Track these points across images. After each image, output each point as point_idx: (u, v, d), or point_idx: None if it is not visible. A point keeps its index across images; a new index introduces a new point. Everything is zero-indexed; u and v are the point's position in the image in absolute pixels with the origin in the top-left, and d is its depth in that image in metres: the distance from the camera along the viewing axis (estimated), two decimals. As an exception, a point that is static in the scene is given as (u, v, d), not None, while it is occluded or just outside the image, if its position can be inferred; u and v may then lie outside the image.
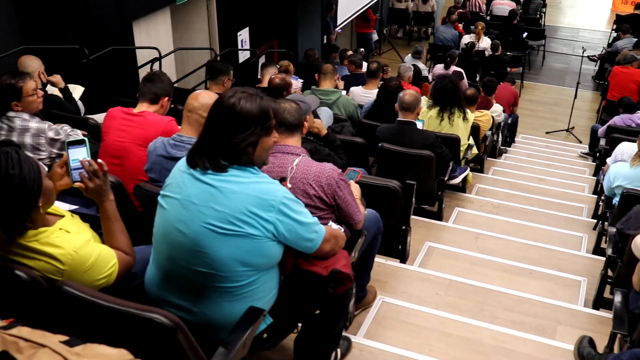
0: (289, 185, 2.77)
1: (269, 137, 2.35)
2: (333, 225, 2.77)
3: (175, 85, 7.11)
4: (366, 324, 3.53)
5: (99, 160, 2.34)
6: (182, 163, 2.38)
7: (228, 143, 2.24)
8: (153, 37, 7.02)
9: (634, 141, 5.23)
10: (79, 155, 2.33)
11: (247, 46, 9.55)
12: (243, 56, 9.51)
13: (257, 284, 2.34)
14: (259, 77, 7.49)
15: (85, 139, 2.36)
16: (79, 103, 5.01)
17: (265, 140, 2.33)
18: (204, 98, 3.33)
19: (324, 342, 2.81)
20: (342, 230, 2.81)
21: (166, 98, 3.87)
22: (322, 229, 2.48)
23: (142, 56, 6.86)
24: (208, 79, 5.73)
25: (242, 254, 2.24)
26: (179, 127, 3.48)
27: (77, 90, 5.12)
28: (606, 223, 5.00)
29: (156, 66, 6.78)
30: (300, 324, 2.77)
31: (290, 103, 3.03)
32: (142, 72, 6.18)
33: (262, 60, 9.22)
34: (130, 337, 2.02)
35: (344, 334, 3.17)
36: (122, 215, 2.46)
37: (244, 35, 9.40)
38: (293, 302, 2.58)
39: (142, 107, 3.81)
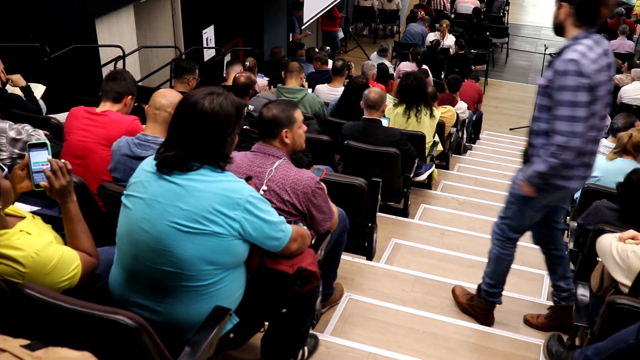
0: (265, 188, 2.76)
1: (235, 136, 2.37)
2: (300, 224, 2.77)
3: (140, 83, 7.03)
4: (333, 321, 3.54)
5: (63, 161, 2.31)
6: (146, 162, 2.36)
7: (213, 147, 2.26)
8: (116, 35, 6.92)
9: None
10: (41, 158, 2.30)
11: (213, 44, 9.48)
12: (208, 54, 9.44)
13: (223, 283, 2.33)
14: (224, 75, 7.46)
15: (47, 142, 2.33)
16: (41, 102, 4.92)
17: (233, 137, 2.36)
18: (172, 96, 3.31)
19: (291, 341, 2.82)
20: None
21: (130, 97, 3.83)
22: (288, 228, 2.49)
23: (105, 54, 6.77)
24: (173, 78, 5.67)
25: (208, 253, 2.23)
26: (143, 126, 3.45)
27: (38, 89, 5.02)
28: (568, 218, 5.08)
29: (120, 64, 6.70)
30: (266, 323, 2.77)
31: (271, 106, 2.96)
32: (106, 71, 6.09)
33: (227, 58, 9.16)
34: (94, 339, 2.00)
35: (311, 332, 3.18)
36: (85, 216, 2.43)
37: (209, 33, 9.33)
38: (259, 301, 2.57)
39: (105, 106, 3.76)
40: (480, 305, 3.72)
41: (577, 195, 4.71)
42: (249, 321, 2.58)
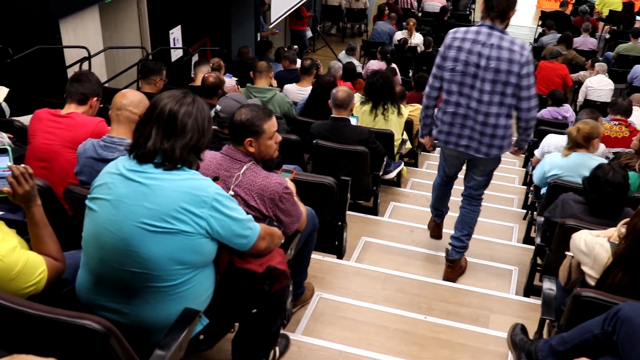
0: (232, 193, 2.75)
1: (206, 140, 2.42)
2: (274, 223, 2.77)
3: (106, 85, 6.95)
4: (304, 320, 3.55)
5: (23, 166, 2.28)
6: (111, 165, 2.34)
7: (192, 146, 2.29)
8: (81, 36, 6.83)
9: (561, 133, 5.42)
10: (1, 164, 2.26)
11: (180, 44, 9.41)
12: (175, 55, 9.37)
13: (192, 283, 2.32)
14: (192, 75, 7.41)
15: (8, 148, 2.29)
16: (4, 105, 4.84)
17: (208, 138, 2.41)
18: (132, 95, 3.31)
19: (262, 341, 2.81)
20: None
21: (95, 98, 3.78)
22: (256, 226, 2.49)
23: (70, 56, 6.67)
24: (140, 78, 5.61)
25: (175, 252, 2.22)
26: (109, 128, 3.41)
27: (1, 92, 4.92)
28: (535, 213, 5.16)
29: (85, 66, 6.61)
30: (237, 324, 2.76)
31: (244, 112, 2.89)
32: (71, 72, 6.01)
33: (195, 58, 9.10)
34: (61, 345, 1.97)
35: (282, 331, 3.18)
36: (51, 219, 2.40)
37: (176, 33, 9.26)
38: (229, 302, 2.56)
39: (70, 108, 3.71)
40: (431, 222, 4.91)
41: (544, 190, 4.78)
42: (219, 322, 2.57)
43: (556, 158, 4.75)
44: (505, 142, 3.85)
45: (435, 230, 4.92)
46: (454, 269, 4.36)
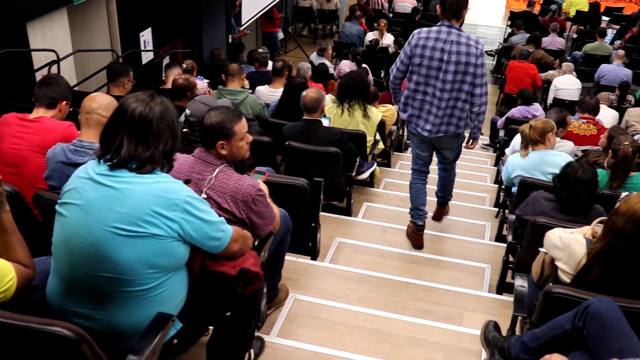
0: (204, 196, 2.74)
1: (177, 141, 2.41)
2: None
3: (76, 88, 6.86)
4: (279, 322, 3.54)
5: None
6: (81, 170, 2.32)
7: (163, 148, 2.29)
8: (50, 39, 6.73)
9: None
10: None
11: (150, 47, 9.34)
12: (146, 57, 9.29)
13: (164, 287, 2.31)
14: (163, 78, 7.35)
15: None
16: (-29, 110, 4.76)
17: (178, 142, 2.41)
18: (101, 98, 3.29)
19: (237, 344, 2.80)
20: None
21: (64, 102, 3.75)
22: (229, 228, 2.49)
23: (38, 59, 6.57)
24: (108, 82, 5.55)
25: (148, 256, 2.21)
26: (79, 132, 3.38)
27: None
28: (507, 211, 5.21)
29: (54, 69, 6.52)
30: (211, 327, 2.75)
31: (214, 114, 2.88)
32: (39, 76, 5.92)
33: (166, 61, 9.03)
34: (33, 353, 1.95)
35: (256, 334, 3.18)
36: (20, 225, 2.36)
37: (146, 36, 9.18)
38: (202, 305, 2.55)
39: (39, 112, 3.67)
40: (411, 229, 5.04)
41: (515, 189, 4.84)
42: (193, 326, 2.55)
43: (517, 159, 4.82)
44: (462, 123, 4.48)
45: (418, 240, 4.97)
46: (442, 211, 5.50)
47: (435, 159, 5.03)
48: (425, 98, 4.44)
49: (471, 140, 4.76)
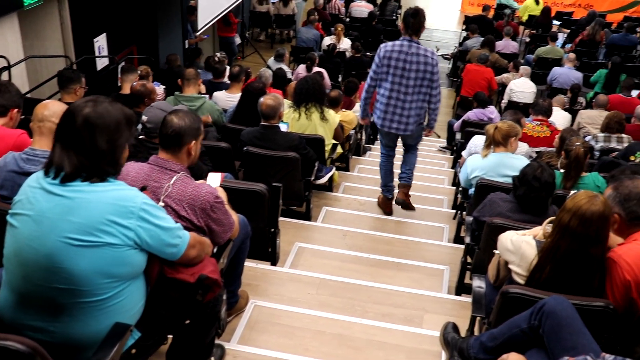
0: (162, 204, 2.71)
1: (127, 147, 2.36)
2: None
3: (28, 95, 6.73)
4: (239, 329, 3.52)
5: None
6: (32, 179, 2.27)
7: (103, 155, 2.21)
8: (0, 44, 6.60)
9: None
10: None
11: (105, 53, 9.20)
12: (101, 63, 9.15)
13: (122, 297, 2.27)
14: (119, 84, 7.25)
15: None
16: None
17: (125, 150, 2.34)
18: (54, 105, 3.24)
19: (197, 352, 2.78)
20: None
21: (15, 110, 3.67)
22: (186, 234, 2.46)
23: (-12, 66, 6.44)
24: (60, 89, 5.43)
25: (103, 265, 2.17)
26: (31, 140, 3.31)
27: None
28: (464, 213, 5.28)
29: (5, 76, 6.38)
30: (170, 336, 2.72)
31: (178, 116, 2.85)
32: (-11, 83, 5.79)
33: (122, 66, 8.91)
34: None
35: (217, 341, 3.15)
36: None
37: (101, 41, 9.04)
38: (161, 313, 2.52)
39: (-11, 120, 3.58)
40: (382, 200, 6.00)
41: (472, 191, 4.91)
42: (151, 335, 2.52)
43: (476, 160, 4.90)
44: (420, 119, 5.42)
45: (388, 208, 5.94)
46: (406, 193, 5.87)
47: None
48: (390, 101, 5.29)
49: (428, 129, 5.68)
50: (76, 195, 2.16)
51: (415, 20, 5.13)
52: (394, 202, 5.95)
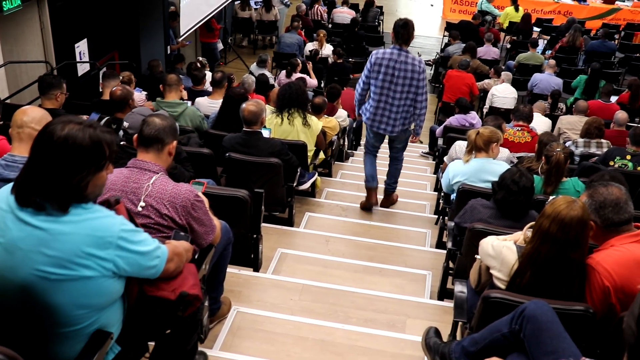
0: (143, 204, 2.69)
1: (101, 173, 2.18)
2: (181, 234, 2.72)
3: (7, 101, 6.68)
4: (222, 336, 3.51)
5: None
6: (1, 199, 2.15)
7: (61, 182, 2.06)
8: (-22, 50, 6.55)
9: (467, 139, 5.60)
10: None
11: (86, 58, 9.15)
12: (82, 69, 9.09)
13: (99, 322, 2.22)
14: (100, 89, 7.21)
15: None
16: None
17: (99, 177, 2.17)
18: (33, 111, 3.22)
19: (178, 359, 2.76)
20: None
21: (-7, 116, 3.63)
22: (164, 252, 2.38)
23: (-33, 72, 6.38)
24: (40, 95, 5.39)
25: (80, 298, 2.10)
26: (11, 146, 3.28)
27: None
28: (446, 218, 5.31)
29: (-16, 82, 6.33)
30: (152, 345, 2.70)
31: (159, 117, 2.90)
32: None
33: (103, 72, 8.86)
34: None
35: (200, 348, 3.13)
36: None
37: (82, 47, 8.99)
38: (141, 328, 2.49)
39: (-33, 126, 3.54)
40: (367, 191, 6.24)
41: (454, 196, 4.93)
42: (131, 348, 2.49)
43: (458, 165, 4.92)
44: (407, 122, 5.75)
45: (373, 197, 6.24)
46: (388, 200, 6.41)
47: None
48: (380, 104, 5.66)
49: (414, 135, 6.06)
50: (50, 226, 2.07)
51: (405, 30, 5.47)
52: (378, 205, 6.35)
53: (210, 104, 6.73)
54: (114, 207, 2.33)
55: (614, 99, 9.80)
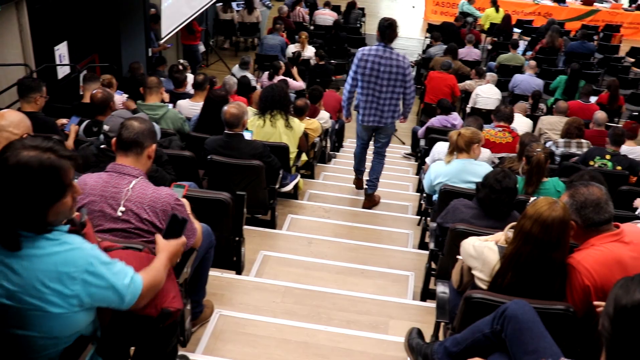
0: (123, 209, 2.67)
1: (63, 200, 2.06)
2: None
3: (-14, 104, 6.60)
4: (204, 339, 3.49)
5: None
6: None
7: (15, 213, 1.96)
8: (-45, 53, 6.47)
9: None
10: None
11: (66, 61, 9.07)
12: (62, 72, 9.02)
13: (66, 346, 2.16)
14: (80, 92, 7.15)
15: None
16: None
17: (60, 204, 2.05)
18: (11, 114, 3.19)
19: (159, 363, 2.74)
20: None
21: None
22: (137, 286, 2.26)
23: (-57, 74, 6.30)
24: (19, 98, 5.33)
25: (44, 330, 2.03)
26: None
27: None
28: (428, 219, 5.32)
29: (-38, 85, 6.25)
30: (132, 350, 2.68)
31: (138, 120, 2.88)
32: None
33: (84, 75, 8.78)
34: None
35: (181, 352, 3.12)
36: None
37: (62, 49, 8.91)
38: (121, 341, 2.46)
39: (-56, 130, 3.49)
40: (355, 180, 6.87)
41: (436, 197, 4.95)
42: (112, 356, 2.47)
43: (440, 166, 4.94)
44: (395, 115, 6.12)
45: (359, 185, 6.85)
46: (370, 201, 6.59)
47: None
48: (368, 98, 5.98)
49: (402, 117, 6.34)
50: (11, 260, 1.98)
51: (389, 30, 5.80)
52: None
53: (191, 107, 6.70)
54: (81, 232, 2.21)
55: (593, 99, 9.89)
